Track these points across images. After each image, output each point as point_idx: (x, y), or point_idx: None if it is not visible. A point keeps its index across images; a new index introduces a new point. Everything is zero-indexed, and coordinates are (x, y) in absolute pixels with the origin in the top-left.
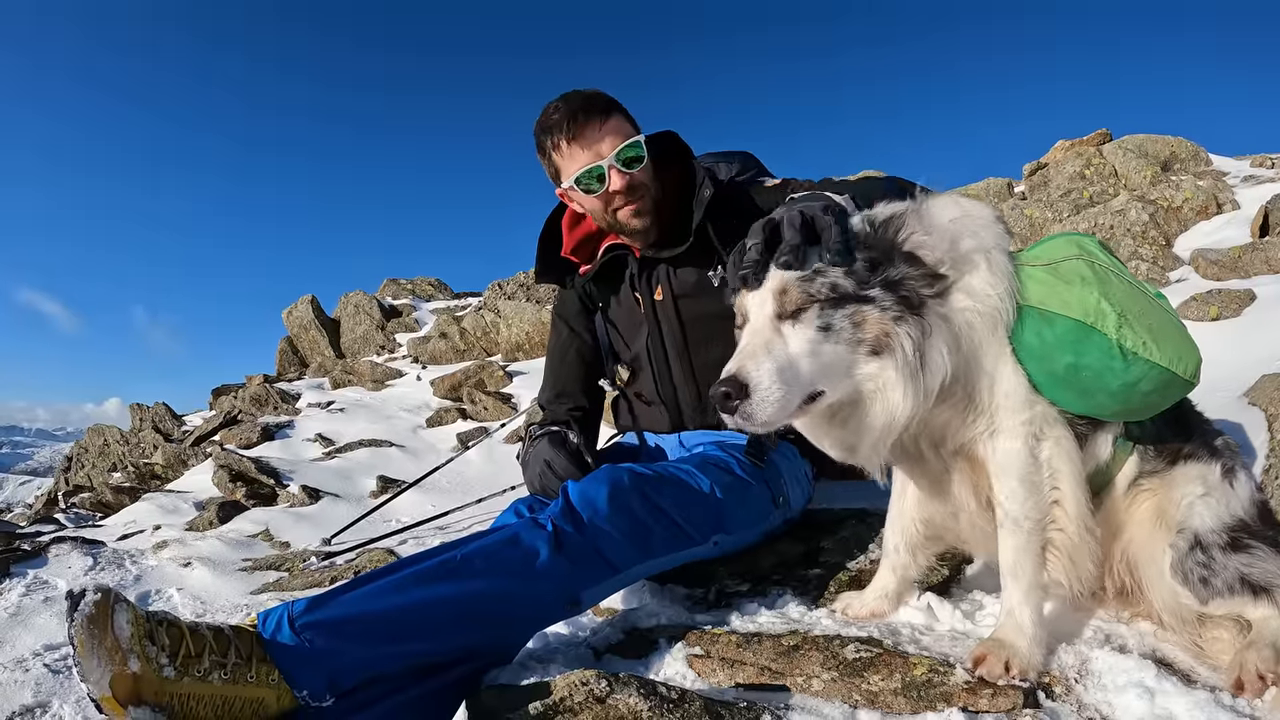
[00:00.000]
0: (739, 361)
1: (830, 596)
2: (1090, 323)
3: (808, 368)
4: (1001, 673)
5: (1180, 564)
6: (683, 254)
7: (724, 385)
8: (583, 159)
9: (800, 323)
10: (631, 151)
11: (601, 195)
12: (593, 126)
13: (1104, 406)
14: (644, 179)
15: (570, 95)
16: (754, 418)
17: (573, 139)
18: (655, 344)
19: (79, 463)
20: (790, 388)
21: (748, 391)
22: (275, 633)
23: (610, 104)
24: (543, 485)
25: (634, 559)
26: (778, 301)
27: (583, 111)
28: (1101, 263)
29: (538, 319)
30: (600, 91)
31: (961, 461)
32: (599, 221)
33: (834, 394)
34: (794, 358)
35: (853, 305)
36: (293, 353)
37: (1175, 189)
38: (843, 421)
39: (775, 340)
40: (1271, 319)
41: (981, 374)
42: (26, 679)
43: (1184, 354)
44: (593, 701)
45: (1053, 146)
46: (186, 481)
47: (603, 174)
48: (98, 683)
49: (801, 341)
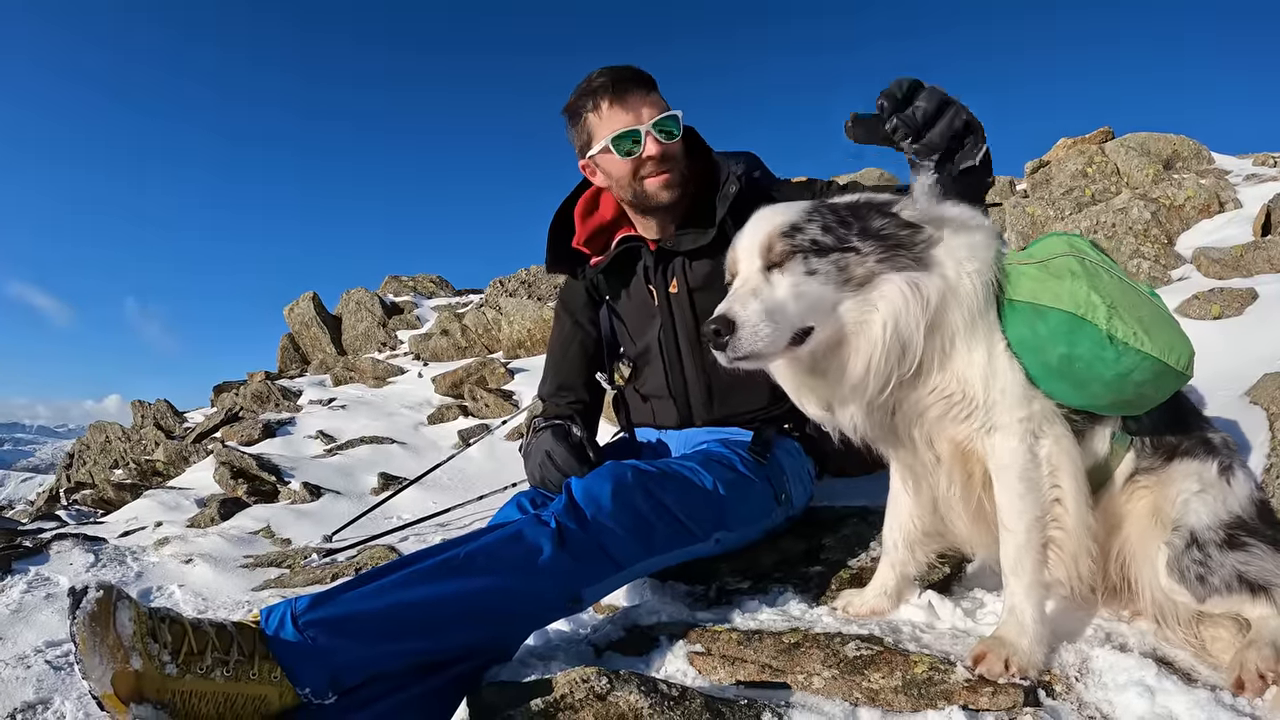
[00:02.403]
0: (728, 304)
1: (831, 594)
2: (1081, 314)
3: (794, 307)
4: (1002, 671)
5: (1176, 561)
6: (701, 247)
7: (713, 323)
8: (623, 119)
9: (786, 270)
10: (670, 125)
11: (635, 160)
12: (636, 94)
13: (1099, 398)
14: (676, 152)
15: (615, 66)
16: (741, 350)
17: (615, 101)
18: (668, 337)
19: (80, 459)
20: (778, 325)
21: (734, 328)
22: (278, 630)
23: (653, 81)
24: (543, 477)
25: (637, 555)
26: (764, 255)
27: (630, 80)
28: (1092, 259)
29: (539, 316)
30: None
31: (958, 458)
32: (623, 191)
33: (823, 330)
34: (781, 299)
35: (836, 254)
36: (294, 349)
37: (1177, 187)
38: (823, 372)
39: (763, 286)
40: (1273, 317)
41: (957, 349)
42: (28, 676)
43: (1175, 345)
44: (593, 699)
45: (1055, 144)
46: (188, 478)
47: (639, 137)
48: (100, 680)
49: (787, 285)
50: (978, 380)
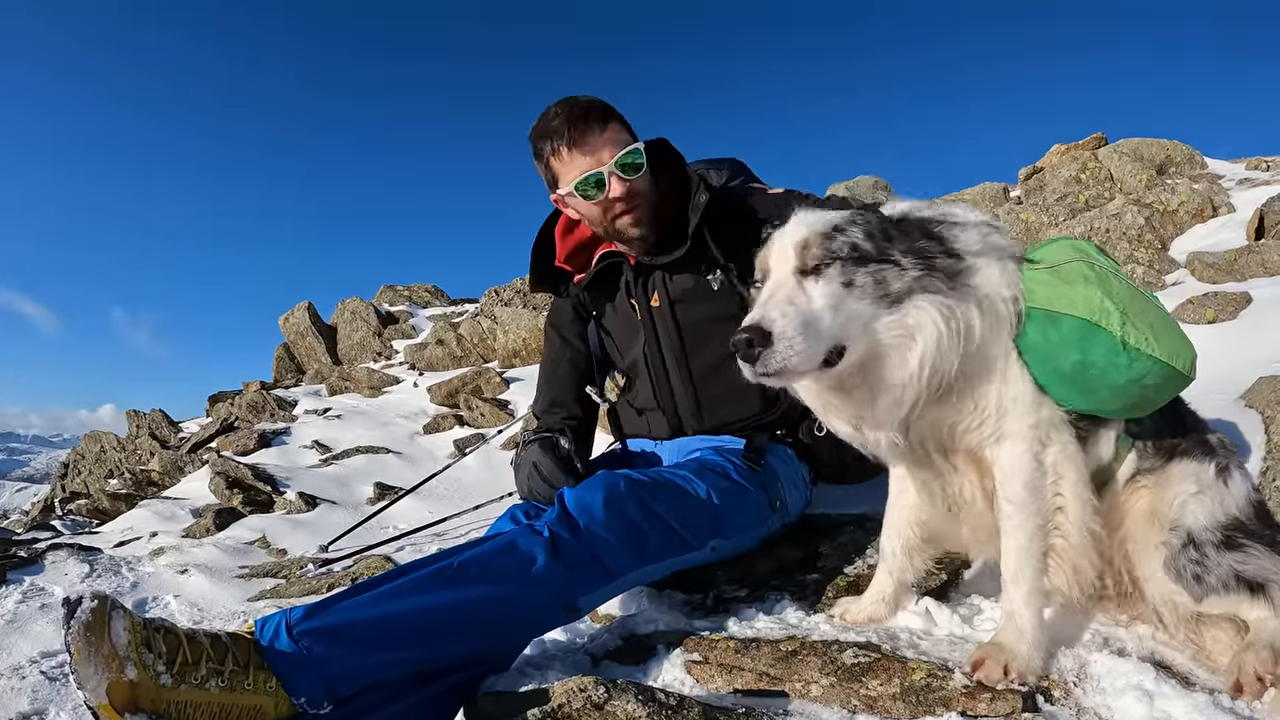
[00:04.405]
0: (761, 310)
1: (828, 602)
2: (1095, 320)
3: (830, 321)
4: (1000, 677)
5: (1173, 561)
6: (679, 259)
7: (745, 332)
8: (583, 165)
9: (823, 278)
10: (631, 159)
11: (601, 202)
12: (593, 133)
13: (1107, 403)
14: (642, 186)
15: (570, 100)
16: (775, 366)
17: (573, 145)
18: (652, 350)
19: (75, 469)
20: (814, 340)
21: (770, 339)
22: (273, 640)
23: (609, 111)
24: (530, 489)
25: (631, 565)
26: (799, 256)
27: (583, 118)
28: (1100, 264)
29: (534, 325)
30: (599, 99)
31: (967, 465)
32: (596, 229)
33: (855, 350)
34: (818, 311)
35: (875, 265)
36: (289, 359)
37: (1171, 192)
38: (851, 389)
39: (798, 293)
40: (1267, 321)
41: (989, 375)
42: (23, 686)
43: (1181, 349)
44: (591, 708)
45: (1048, 151)
46: (183, 488)
47: (602, 180)
48: (94, 690)
49: (825, 295)
50: (990, 389)
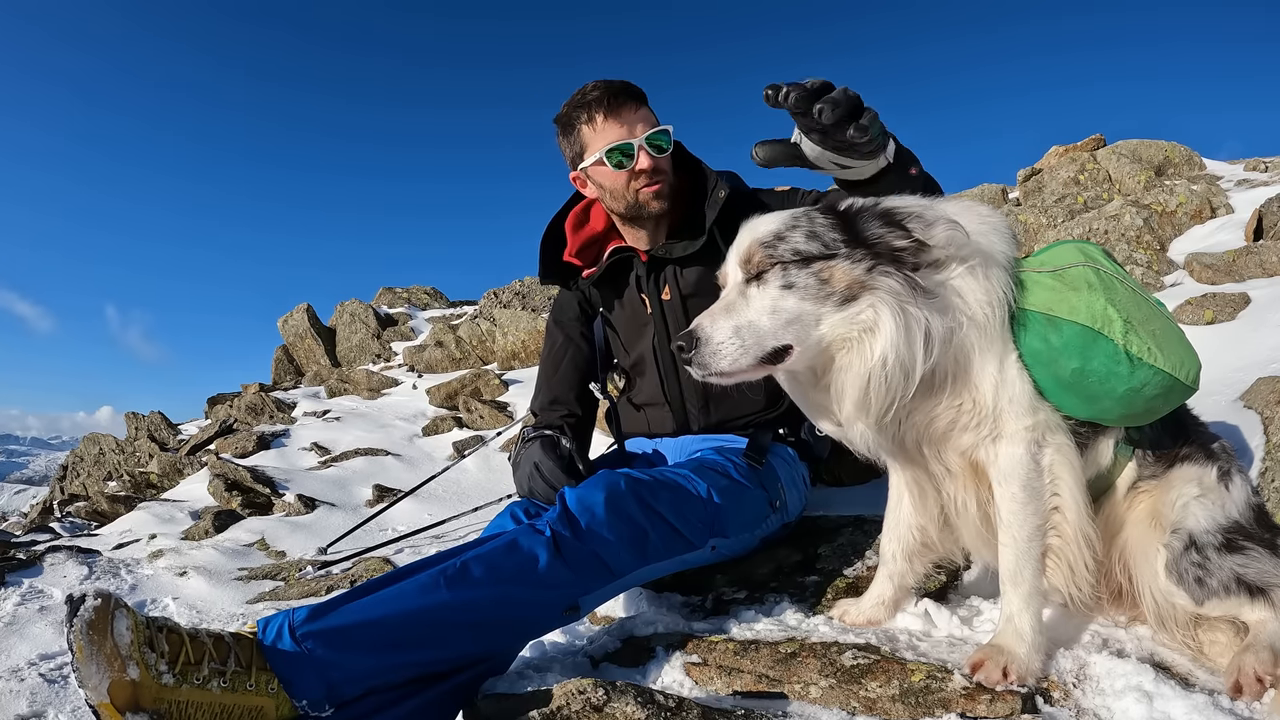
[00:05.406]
0: (700, 318)
1: (828, 603)
2: (1097, 328)
3: (768, 324)
4: (999, 678)
5: (1175, 564)
6: (692, 254)
7: (680, 337)
8: (616, 133)
9: (763, 284)
10: (661, 139)
11: (627, 172)
12: (628, 108)
13: (1108, 411)
14: (667, 167)
15: (607, 80)
16: (706, 366)
17: (609, 115)
18: (662, 343)
19: (74, 471)
20: (744, 343)
21: (698, 344)
22: (276, 641)
23: (643, 95)
24: (530, 488)
25: (632, 564)
26: (743, 266)
27: (622, 92)
28: (1107, 270)
29: (533, 327)
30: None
31: (963, 467)
32: (616, 203)
33: (802, 348)
34: (753, 315)
35: (820, 263)
36: (288, 361)
37: (1169, 193)
38: (827, 387)
39: (738, 301)
40: (1266, 322)
41: (984, 374)
42: (22, 689)
43: (1186, 360)
44: (590, 710)
45: (1047, 152)
46: (182, 490)
47: (631, 150)
48: (96, 689)
49: (762, 300)
50: (988, 389)
